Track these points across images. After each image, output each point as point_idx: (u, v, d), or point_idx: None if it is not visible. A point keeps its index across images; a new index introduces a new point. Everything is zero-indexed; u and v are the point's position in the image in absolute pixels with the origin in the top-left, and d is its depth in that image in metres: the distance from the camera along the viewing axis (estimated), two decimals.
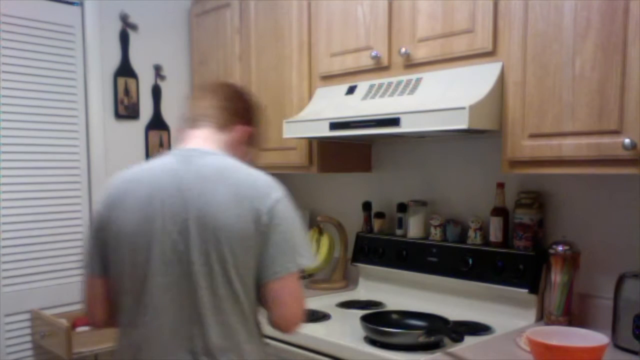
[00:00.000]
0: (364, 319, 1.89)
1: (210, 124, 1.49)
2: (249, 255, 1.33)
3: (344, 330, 1.99)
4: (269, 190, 1.37)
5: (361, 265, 2.57)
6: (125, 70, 2.90)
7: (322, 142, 2.45)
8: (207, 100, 1.52)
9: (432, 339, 1.77)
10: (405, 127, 1.87)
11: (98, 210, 1.43)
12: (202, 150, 1.44)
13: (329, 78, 2.36)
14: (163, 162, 1.43)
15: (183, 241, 1.33)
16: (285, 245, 1.36)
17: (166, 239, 1.33)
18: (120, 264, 1.38)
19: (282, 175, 3.13)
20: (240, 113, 1.53)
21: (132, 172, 1.43)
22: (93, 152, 2.78)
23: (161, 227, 1.34)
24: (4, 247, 2.54)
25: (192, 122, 1.50)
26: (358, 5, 2.20)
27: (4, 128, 2.54)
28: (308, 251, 1.42)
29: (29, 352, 2.62)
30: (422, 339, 1.75)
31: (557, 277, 1.92)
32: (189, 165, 1.39)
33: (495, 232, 2.15)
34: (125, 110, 2.91)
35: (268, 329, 1.45)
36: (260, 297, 1.39)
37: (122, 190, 1.40)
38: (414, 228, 2.41)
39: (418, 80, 2.00)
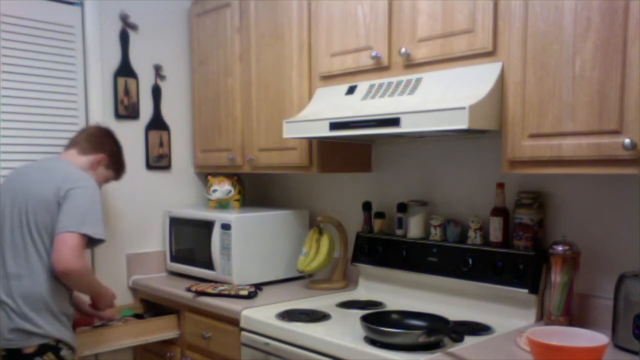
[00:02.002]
0: (364, 319, 1.89)
1: (76, 149, 2.31)
2: (47, 216, 2.06)
3: (344, 330, 1.99)
4: (76, 180, 2.12)
5: (361, 265, 2.57)
6: (125, 70, 2.90)
7: (322, 142, 2.45)
8: (80, 136, 2.37)
9: (432, 339, 1.77)
10: (405, 127, 1.87)
11: None
12: (59, 158, 2.29)
13: (329, 78, 2.36)
14: (36, 162, 2.31)
15: (15, 206, 2.10)
16: (71, 214, 2.05)
17: (11, 206, 2.12)
18: None
19: (282, 175, 3.14)
20: (97, 146, 2.34)
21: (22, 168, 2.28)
22: None
23: (11, 197, 2.14)
24: None
25: (68, 146, 2.35)
26: (358, 5, 2.20)
27: (4, 128, 2.54)
28: (95, 225, 2.08)
29: None
30: (422, 339, 1.75)
31: (557, 277, 1.92)
32: (43, 163, 2.26)
33: (495, 232, 2.15)
34: (125, 110, 2.91)
35: None
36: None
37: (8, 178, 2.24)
38: (414, 228, 2.41)
39: (418, 80, 2.00)
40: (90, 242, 2.10)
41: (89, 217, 2.08)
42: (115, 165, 2.43)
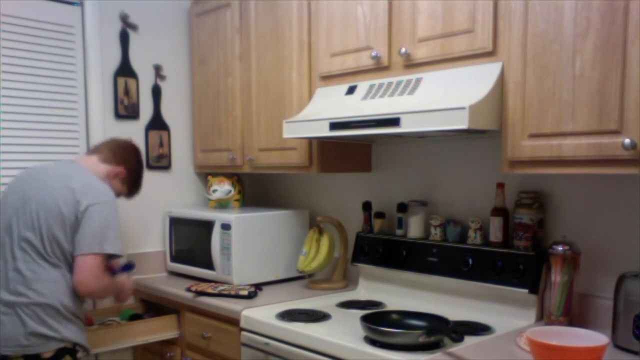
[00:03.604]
0: (364, 319, 1.89)
1: (97, 156, 2.27)
2: (61, 229, 2.00)
3: (344, 330, 1.99)
4: (96, 195, 2.07)
5: (361, 265, 2.57)
6: (125, 70, 2.90)
7: (322, 142, 2.45)
8: (105, 144, 2.33)
9: (432, 339, 1.77)
10: (405, 127, 1.87)
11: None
12: (78, 163, 2.22)
13: (329, 78, 2.36)
14: (52, 164, 2.25)
15: (27, 211, 2.03)
16: (92, 234, 2.01)
17: (22, 209, 2.05)
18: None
19: (282, 175, 3.14)
20: (120, 159, 2.29)
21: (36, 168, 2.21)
22: None
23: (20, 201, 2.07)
24: None
25: (89, 152, 2.36)
26: (358, 5, 2.20)
27: (4, 128, 2.54)
28: (115, 243, 2.06)
29: None
30: (422, 339, 1.75)
31: (557, 277, 1.92)
32: (59, 168, 2.16)
33: (495, 232, 2.15)
34: (125, 110, 2.91)
35: None
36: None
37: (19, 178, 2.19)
38: (414, 228, 2.41)
39: (418, 80, 2.00)
40: (108, 257, 2.10)
41: (109, 234, 2.06)
42: (131, 182, 2.37)
